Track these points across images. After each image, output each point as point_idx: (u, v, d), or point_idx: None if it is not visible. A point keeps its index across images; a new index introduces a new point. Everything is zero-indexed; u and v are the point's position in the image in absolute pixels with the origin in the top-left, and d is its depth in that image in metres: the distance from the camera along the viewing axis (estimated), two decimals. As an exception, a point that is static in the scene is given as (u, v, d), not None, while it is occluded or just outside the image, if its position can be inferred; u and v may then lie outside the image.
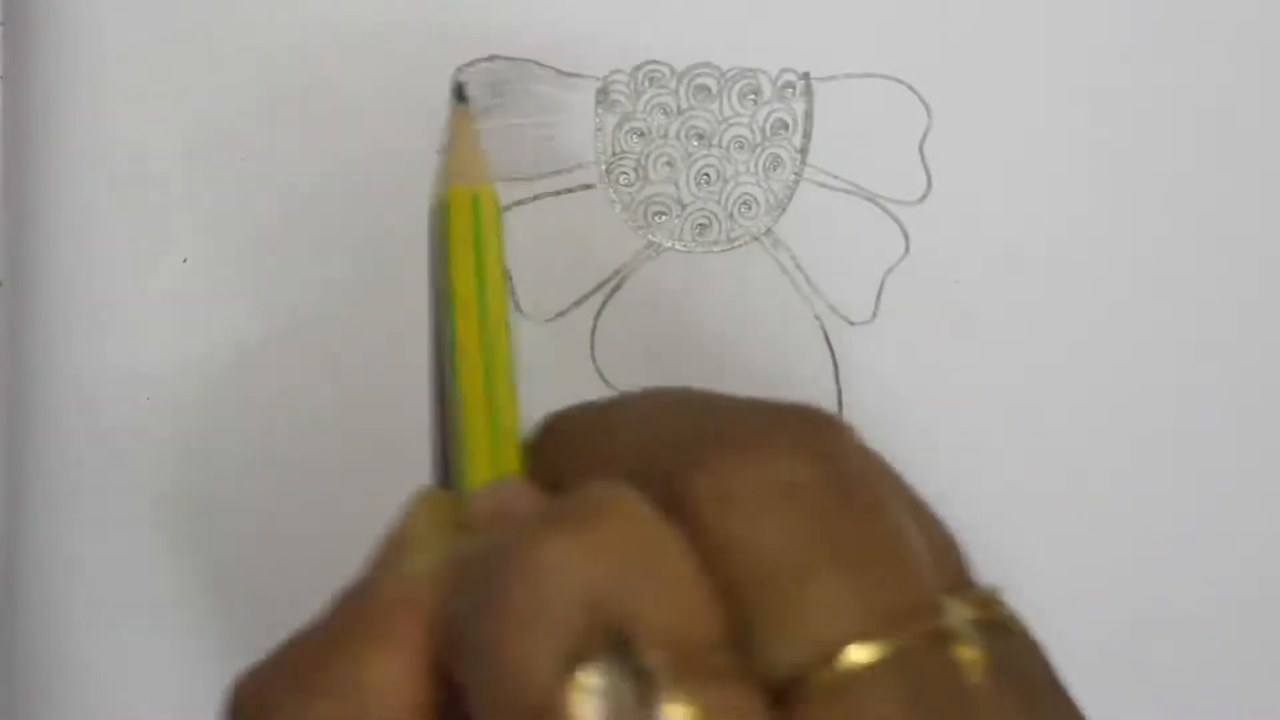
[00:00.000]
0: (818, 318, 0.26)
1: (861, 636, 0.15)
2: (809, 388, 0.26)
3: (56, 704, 0.26)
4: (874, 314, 0.26)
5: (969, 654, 0.15)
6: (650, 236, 0.26)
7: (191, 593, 0.26)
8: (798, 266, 0.26)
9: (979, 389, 0.26)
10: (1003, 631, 0.16)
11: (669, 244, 0.26)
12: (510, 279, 0.26)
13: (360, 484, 0.26)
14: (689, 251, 0.26)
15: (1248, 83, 0.27)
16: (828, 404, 0.26)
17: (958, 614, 0.16)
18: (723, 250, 0.26)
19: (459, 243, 0.22)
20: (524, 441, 0.20)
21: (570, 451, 0.19)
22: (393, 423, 0.26)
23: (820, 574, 0.15)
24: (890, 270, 0.26)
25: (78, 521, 0.26)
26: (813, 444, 0.16)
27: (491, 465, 0.20)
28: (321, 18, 0.27)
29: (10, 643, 0.26)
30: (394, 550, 0.19)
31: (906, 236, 0.26)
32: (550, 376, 0.26)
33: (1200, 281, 0.27)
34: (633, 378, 0.26)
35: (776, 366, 0.26)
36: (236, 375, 0.26)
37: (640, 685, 0.14)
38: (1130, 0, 0.27)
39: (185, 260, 0.26)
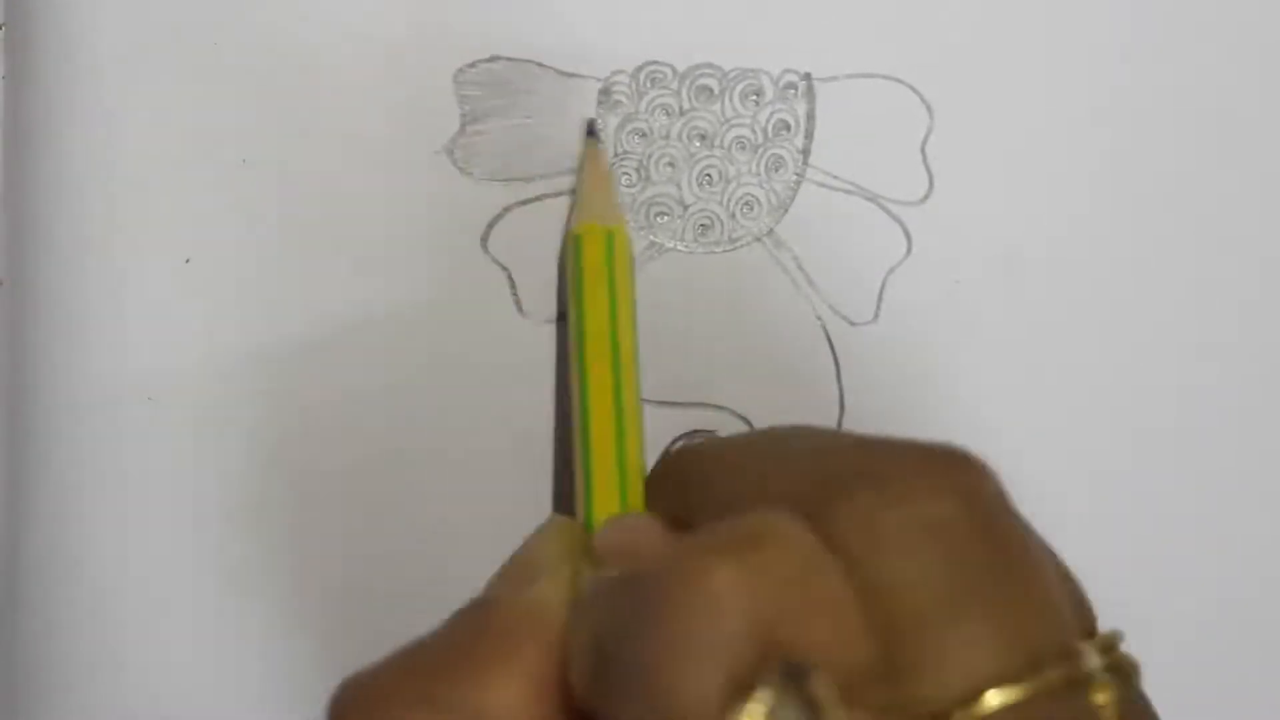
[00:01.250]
0: (819, 318, 0.26)
1: (1002, 679, 0.15)
2: (811, 388, 0.26)
3: (57, 704, 0.26)
4: (876, 315, 0.26)
5: (1103, 699, 0.16)
6: (652, 237, 0.26)
7: (192, 593, 0.26)
8: (799, 267, 0.26)
9: (981, 390, 0.26)
10: (1126, 677, 0.17)
11: (671, 244, 0.26)
12: (512, 280, 0.26)
13: (362, 484, 0.26)
14: (691, 252, 0.26)
15: (1248, 83, 0.27)
16: (829, 405, 0.26)
17: (1093, 658, 0.16)
18: (724, 251, 0.26)
19: (592, 280, 0.23)
20: (647, 474, 0.20)
21: (697, 486, 0.19)
22: (395, 423, 0.26)
23: (965, 614, 0.15)
24: (892, 271, 0.26)
25: (78, 522, 0.26)
26: (958, 483, 0.17)
27: (616, 498, 0.20)
28: (322, 18, 0.26)
29: (10, 643, 0.26)
30: (519, 573, 0.19)
31: (908, 237, 0.26)
32: (551, 378, 0.26)
33: (1200, 281, 0.27)
34: (634, 378, 0.26)
35: (778, 367, 0.26)
36: (238, 376, 0.26)
37: (809, 715, 0.14)
38: (1130, 1, 0.27)
39: (188, 261, 0.26)
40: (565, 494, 0.25)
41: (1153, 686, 0.27)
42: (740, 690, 0.14)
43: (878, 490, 0.16)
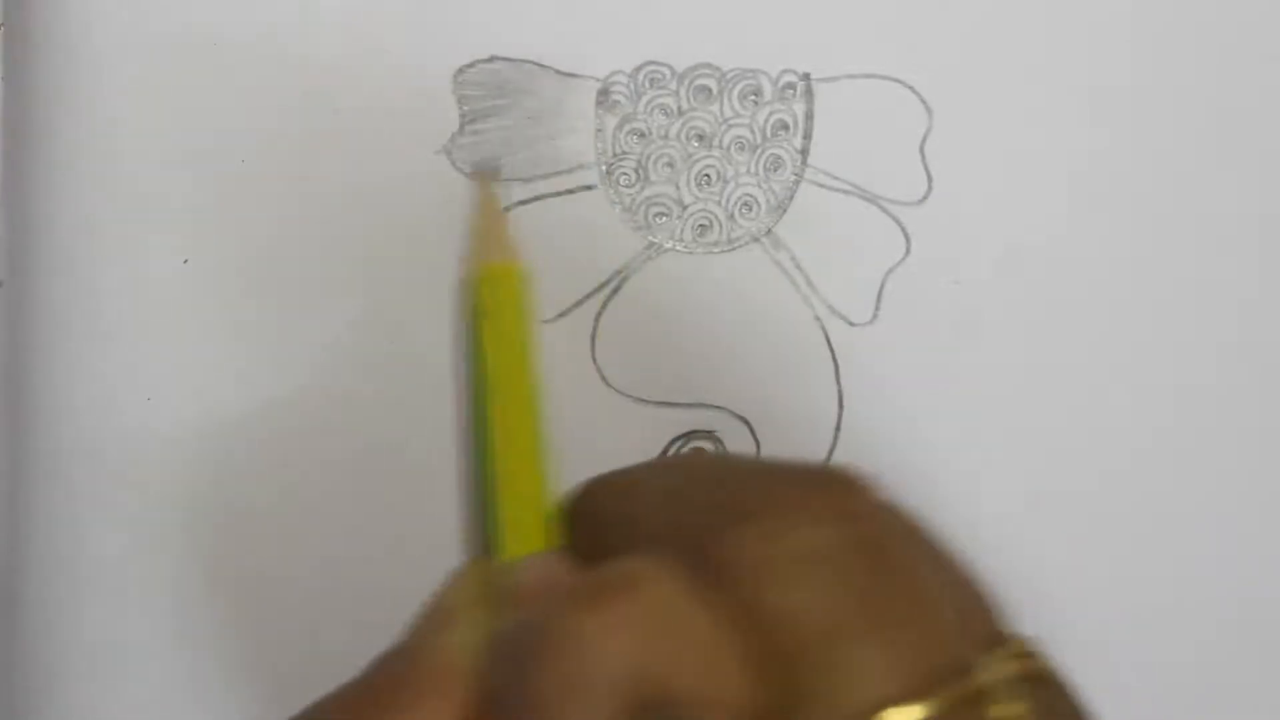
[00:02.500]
0: (818, 318, 0.26)
1: (897, 701, 0.15)
2: (809, 388, 0.26)
3: (58, 704, 0.26)
4: (874, 315, 0.26)
5: (1008, 710, 0.16)
6: (651, 237, 0.26)
7: (191, 593, 0.26)
8: (798, 267, 0.26)
9: (979, 389, 0.26)
10: (1042, 683, 0.16)
11: (669, 245, 0.26)
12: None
13: (360, 486, 0.26)
14: (689, 252, 0.26)
15: (1248, 83, 0.27)
16: (828, 404, 0.26)
17: (995, 670, 0.16)
18: (723, 251, 0.26)
19: (489, 319, 0.22)
20: (562, 508, 0.20)
21: (601, 521, 0.19)
22: (393, 423, 0.26)
23: (853, 640, 0.15)
24: (891, 271, 0.26)
25: (78, 522, 0.26)
26: (839, 508, 0.17)
27: (528, 537, 0.20)
28: (322, 19, 0.27)
29: (10, 643, 0.26)
30: (435, 619, 0.19)
31: (907, 237, 0.26)
32: (550, 377, 0.26)
33: (1200, 280, 0.27)
34: (633, 379, 0.26)
35: (777, 367, 0.26)
36: (236, 376, 0.26)
37: None
38: (1130, 1, 0.27)
39: (186, 261, 0.26)
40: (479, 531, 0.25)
41: (1153, 686, 0.27)
42: None
43: (760, 522, 0.16)
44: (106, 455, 0.26)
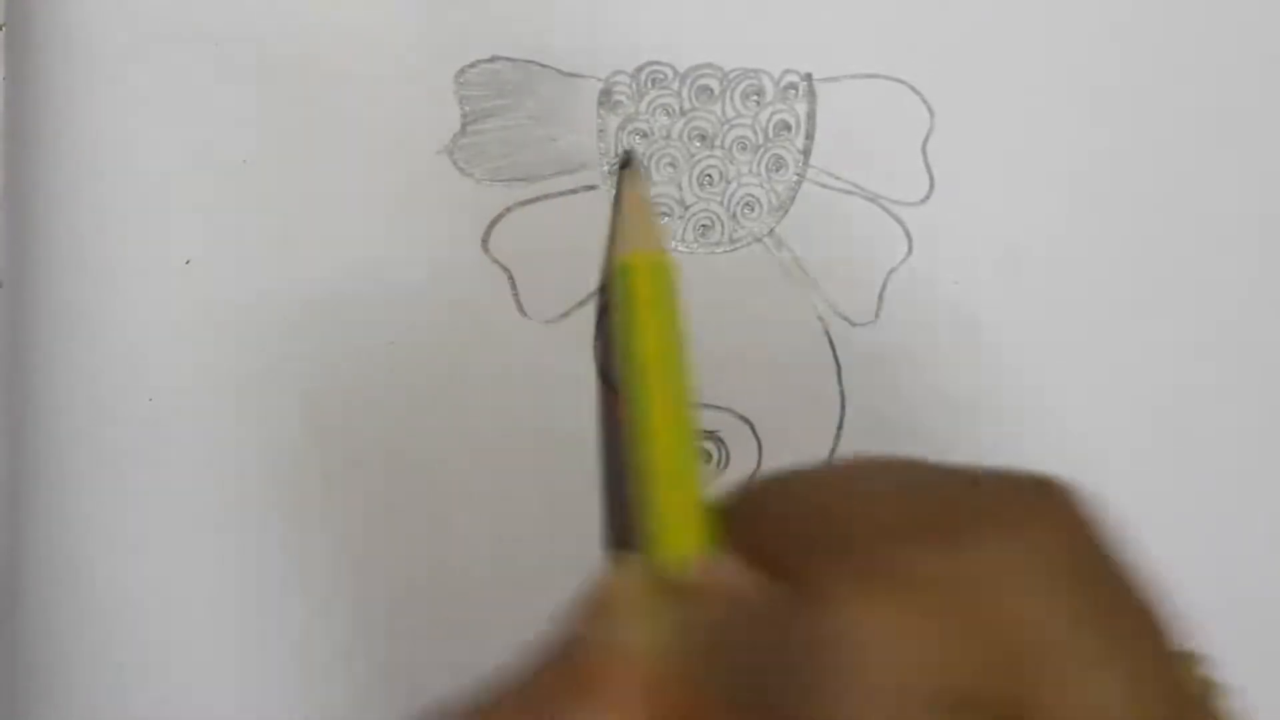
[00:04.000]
0: (820, 318, 0.26)
1: None
2: (812, 389, 0.26)
3: (58, 705, 0.26)
4: (877, 315, 0.26)
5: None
6: (653, 237, 0.26)
7: (190, 594, 0.26)
8: (800, 267, 0.26)
9: (981, 390, 0.26)
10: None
11: (672, 245, 0.26)
12: (513, 280, 0.26)
13: (362, 486, 0.26)
14: (691, 252, 0.26)
15: (1247, 83, 0.27)
16: (830, 405, 0.26)
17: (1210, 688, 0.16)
18: (725, 251, 0.26)
19: (645, 309, 0.22)
20: (719, 507, 0.20)
21: (783, 523, 0.19)
22: (395, 424, 0.26)
23: (1095, 658, 0.15)
24: (893, 271, 0.26)
25: (78, 522, 0.26)
26: (1067, 516, 0.17)
27: (687, 533, 0.20)
28: (322, 18, 0.26)
29: (11, 643, 0.26)
30: (602, 611, 0.19)
31: (909, 237, 0.26)
32: (552, 378, 0.26)
33: (1200, 280, 0.27)
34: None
35: (779, 367, 0.26)
36: (237, 378, 0.26)
37: None
38: (1131, 3, 0.27)
39: (188, 262, 0.26)
40: (619, 526, 0.25)
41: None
42: None
43: (996, 528, 0.16)
44: (107, 456, 0.26)
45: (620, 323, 0.23)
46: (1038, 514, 0.17)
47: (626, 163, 0.26)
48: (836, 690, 0.15)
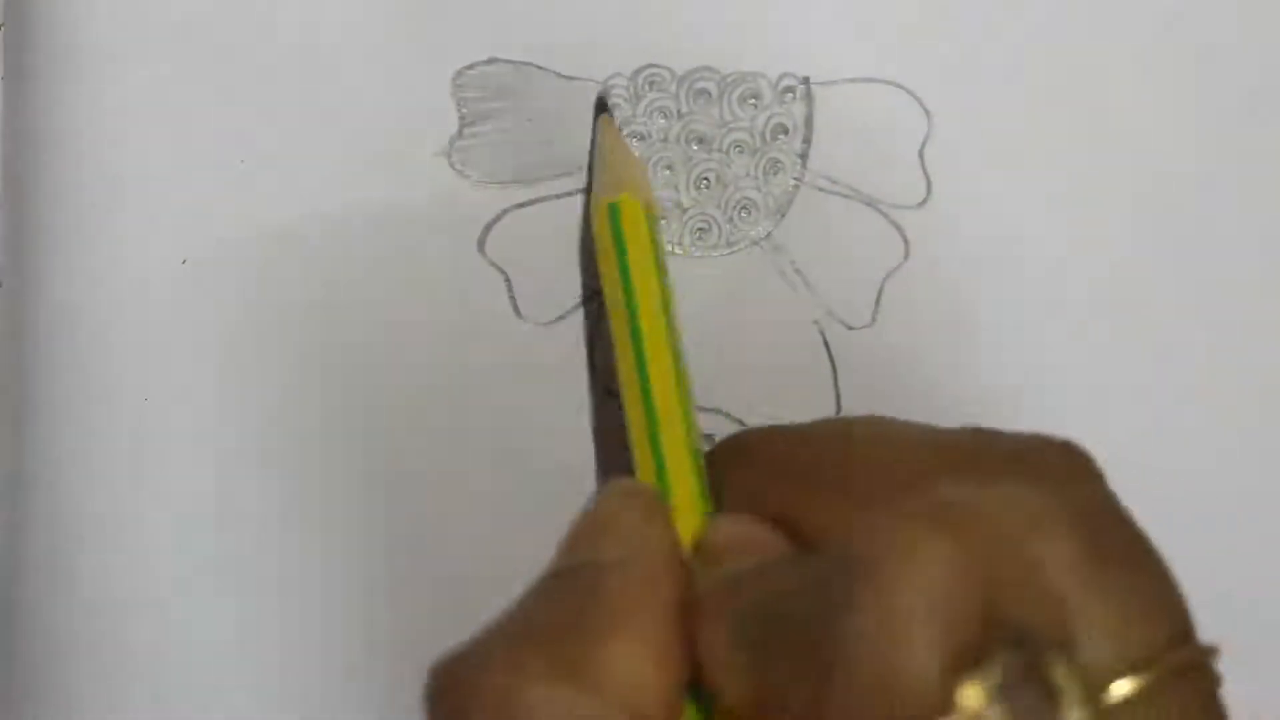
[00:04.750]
0: (816, 322, 0.26)
1: (1131, 668, 0.15)
2: (808, 392, 0.26)
3: (57, 706, 0.26)
4: (873, 319, 0.26)
5: (1212, 684, 0.16)
6: (649, 240, 0.26)
7: (188, 594, 0.26)
8: (797, 271, 0.26)
9: (978, 394, 0.25)
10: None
11: (668, 248, 0.26)
12: (510, 282, 0.26)
13: (359, 487, 0.26)
14: (688, 255, 0.26)
15: (1247, 88, 0.27)
16: (826, 408, 0.26)
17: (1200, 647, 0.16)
18: (722, 254, 0.26)
19: (636, 251, 0.22)
20: (715, 451, 0.21)
21: (787, 469, 0.19)
22: (392, 425, 0.26)
23: (1102, 598, 0.15)
24: (889, 275, 0.26)
25: (75, 521, 0.26)
26: (1085, 468, 0.17)
27: (685, 471, 0.21)
28: (320, 20, 0.27)
29: (10, 641, 0.26)
30: (607, 537, 0.18)
31: (906, 241, 0.26)
32: (548, 380, 0.26)
33: (1200, 283, 0.27)
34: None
35: (776, 371, 0.26)
36: (233, 378, 0.26)
37: (1039, 693, 0.14)
38: (1129, 6, 0.27)
39: (184, 262, 0.26)
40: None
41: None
42: (964, 666, 0.14)
43: (1023, 473, 0.16)
44: (104, 456, 0.26)
45: (606, 268, 0.23)
46: (1064, 464, 0.17)
47: (602, 107, 0.26)
48: (870, 617, 0.15)
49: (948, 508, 0.16)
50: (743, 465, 0.20)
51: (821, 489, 0.18)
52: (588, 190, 0.26)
